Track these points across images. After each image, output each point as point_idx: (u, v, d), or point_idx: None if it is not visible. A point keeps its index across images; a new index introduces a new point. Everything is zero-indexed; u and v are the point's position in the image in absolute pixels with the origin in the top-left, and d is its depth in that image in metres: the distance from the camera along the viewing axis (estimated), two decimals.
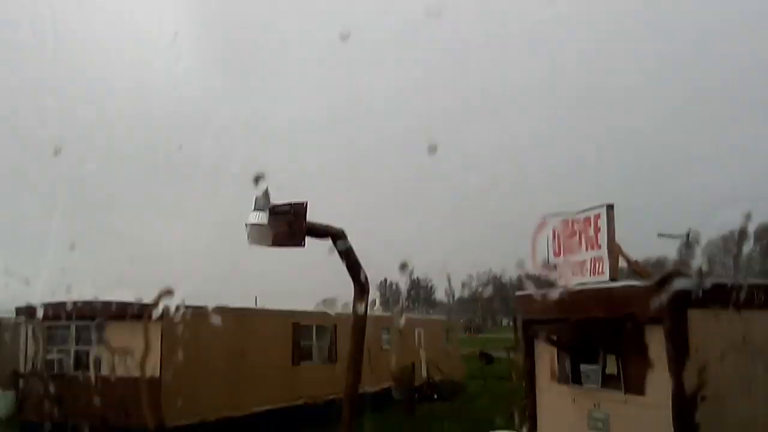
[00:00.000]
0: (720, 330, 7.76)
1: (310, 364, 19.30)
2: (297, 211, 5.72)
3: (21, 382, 16.62)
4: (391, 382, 22.91)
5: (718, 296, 7.47)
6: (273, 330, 17.77)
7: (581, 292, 9.21)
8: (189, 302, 15.25)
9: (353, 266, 6.07)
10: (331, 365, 19.25)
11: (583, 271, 9.24)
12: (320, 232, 5.96)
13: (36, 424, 14.46)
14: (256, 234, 5.66)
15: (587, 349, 9.37)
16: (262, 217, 5.59)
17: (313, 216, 5.75)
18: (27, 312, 15.81)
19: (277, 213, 5.69)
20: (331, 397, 15.26)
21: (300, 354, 18.94)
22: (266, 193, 5.64)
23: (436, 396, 25.97)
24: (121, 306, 14.47)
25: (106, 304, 14.55)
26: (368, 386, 19.50)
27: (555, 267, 9.86)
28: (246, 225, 5.71)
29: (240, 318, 16.63)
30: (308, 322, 19.59)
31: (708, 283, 7.50)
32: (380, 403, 21.49)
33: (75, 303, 15.03)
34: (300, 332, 19.06)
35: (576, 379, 9.66)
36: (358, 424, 6.08)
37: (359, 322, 6.26)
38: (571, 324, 9.19)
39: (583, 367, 9.40)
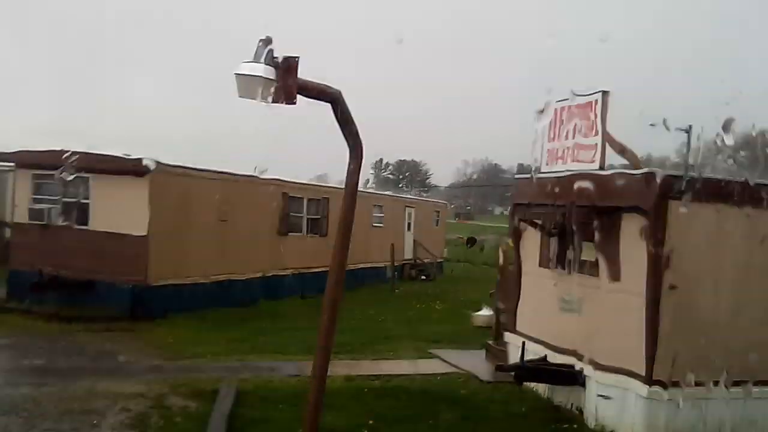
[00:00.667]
0: (698, 223, 7.86)
1: (298, 236, 19.57)
2: (289, 65, 5.44)
3: (8, 231, 16.79)
4: (380, 260, 23.50)
5: (700, 190, 7.48)
6: (263, 198, 17.85)
7: (570, 178, 9.23)
8: (180, 163, 15.35)
9: (349, 132, 5.89)
10: (321, 238, 19.54)
11: (577, 157, 9.19)
12: (314, 91, 5.65)
13: (23, 273, 14.80)
14: (245, 86, 5.39)
15: (570, 234, 9.52)
16: (252, 68, 5.30)
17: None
18: (14, 159, 15.64)
19: (267, 65, 5.40)
20: (320, 269, 15.57)
21: (288, 225, 19.16)
22: (266, 43, 5.29)
23: (423, 277, 26.80)
24: (111, 159, 14.34)
25: (97, 157, 14.38)
26: (356, 262, 20.03)
27: (551, 152, 9.80)
28: (235, 75, 5.40)
29: (230, 183, 16.64)
30: (299, 194, 19.65)
31: (692, 176, 7.50)
32: (368, 278, 22.19)
33: (64, 153, 14.85)
34: (290, 203, 19.18)
35: (559, 264, 9.89)
36: (343, 297, 6.19)
37: (351, 192, 6.16)
38: (557, 209, 9.28)
39: (568, 252, 9.59)
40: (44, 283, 14.31)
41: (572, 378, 8.90)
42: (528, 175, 10.75)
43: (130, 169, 14.32)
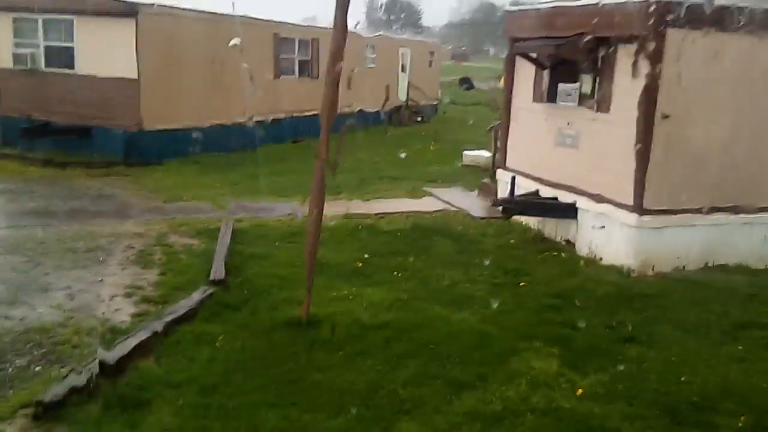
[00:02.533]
0: (694, 51, 7.61)
1: (290, 78, 19.04)
2: None
3: None
4: (374, 103, 23.08)
5: (699, 17, 7.18)
6: (253, 40, 17.11)
7: (567, 9, 8.80)
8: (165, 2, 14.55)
9: None
10: (312, 81, 19.04)
11: None
12: None
13: (12, 119, 14.55)
14: None
15: (566, 68, 9.26)
16: None
17: None
18: None
19: None
20: (312, 113, 15.30)
21: (280, 67, 18.56)
22: None
23: (419, 118, 26.50)
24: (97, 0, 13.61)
25: None
26: (350, 104, 19.67)
27: None
28: None
29: (218, 24, 15.86)
30: (289, 35, 18.83)
31: (690, 3, 7.16)
32: (362, 121, 21.94)
33: None
34: (280, 44, 18.44)
35: (552, 98, 9.72)
36: (336, 139, 6.09)
37: (339, 33, 5.84)
38: (553, 41, 8.94)
39: (561, 86, 9.38)
40: (35, 129, 14.13)
41: (563, 210, 9.09)
42: (521, 7, 10.26)
43: (116, 9, 13.60)
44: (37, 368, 5.04)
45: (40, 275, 7.09)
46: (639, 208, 7.92)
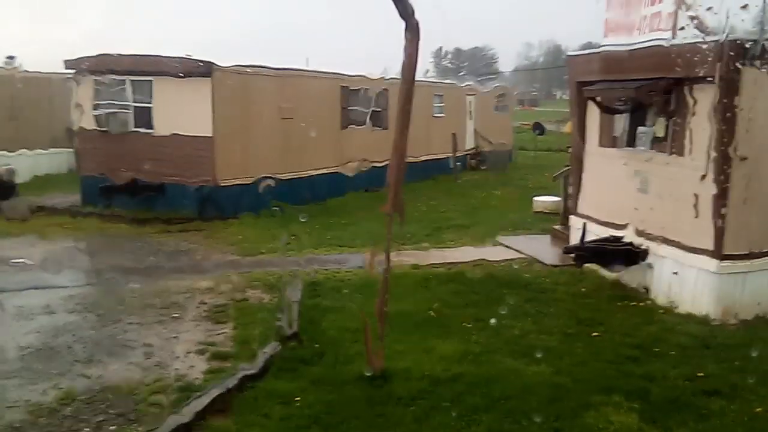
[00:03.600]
0: None
1: (360, 129, 19.47)
2: None
3: (77, 140, 17.18)
4: (442, 151, 23.25)
5: None
6: (322, 93, 17.70)
7: (636, 51, 8.69)
8: (238, 62, 15.31)
9: (404, 10, 5.62)
10: (383, 131, 19.36)
11: (644, 26, 8.59)
12: None
13: (93, 178, 15.44)
14: None
15: (637, 111, 9.12)
16: None
17: None
18: (76, 66, 15.73)
19: None
20: (382, 163, 15.51)
21: (349, 119, 19.06)
22: None
23: (483, 167, 26.40)
24: (174, 61, 14.39)
25: (157, 59, 14.43)
26: (418, 153, 19.90)
27: (613, 23, 9.19)
28: None
29: (289, 79, 16.53)
30: (357, 86, 19.36)
31: (763, 40, 6.95)
32: (431, 170, 22.14)
33: (124, 56, 14.92)
34: (348, 96, 18.98)
35: (623, 142, 9.56)
36: (406, 188, 6.19)
37: (408, 72, 5.95)
38: (622, 84, 8.84)
39: (633, 130, 9.23)
40: (115, 188, 14.91)
41: (636, 256, 8.82)
42: (585, 51, 10.21)
43: (192, 70, 14.39)
44: (112, 427, 5.19)
45: (119, 332, 7.40)
46: (719, 253, 7.60)
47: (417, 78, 6.09)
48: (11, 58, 21.74)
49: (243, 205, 14.69)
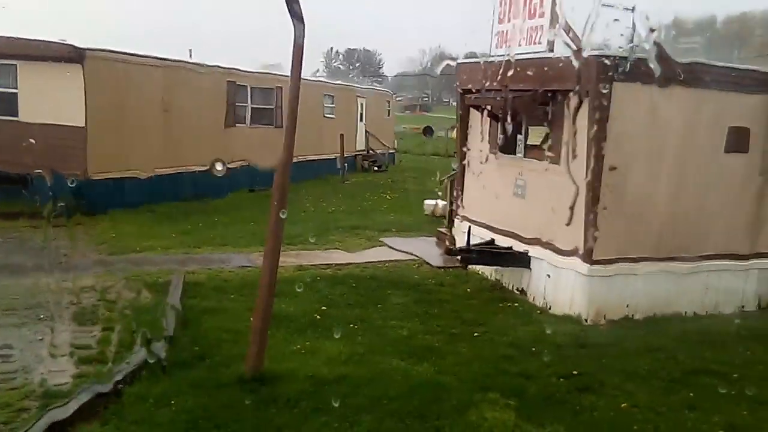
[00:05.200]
0: (639, 104, 7.94)
1: (245, 127, 18.97)
2: None
3: None
4: (332, 152, 23.21)
5: (643, 71, 7.49)
6: (206, 87, 17.09)
7: (518, 62, 9.09)
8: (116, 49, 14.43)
9: (294, 9, 5.52)
10: (273, 130, 18.96)
11: (524, 39, 8.98)
12: None
13: None
14: None
15: (516, 119, 9.51)
16: None
17: None
18: None
19: None
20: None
21: (235, 116, 18.53)
22: None
23: (376, 168, 26.74)
24: (40, 45, 13.31)
25: (24, 42, 13.33)
26: (307, 153, 19.65)
27: (501, 35, 9.55)
28: None
29: (171, 70, 15.81)
30: (245, 82, 18.86)
31: (634, 57, 7.48)
32: (321, 170, 22.03)
33: None
34: (236, 92, 18.45)
35: (504, 148, 9.94)
36: (293, 189, 6.05)
37: (296, 66, 5.84)
38: (504, 94, 9.18)
39: (512, 137, 9.62)
40: None
41: (517, 259, 9.20)
42: (471, 60, 10.57)
43: (62, 54, 13.37)
44: None
45: None
46: (589, 258, 8.07)
47: (307, 77, 5.99)
48: None
49: (117, 201, 13.87)
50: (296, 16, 5.43)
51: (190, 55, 20.48)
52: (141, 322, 7.24)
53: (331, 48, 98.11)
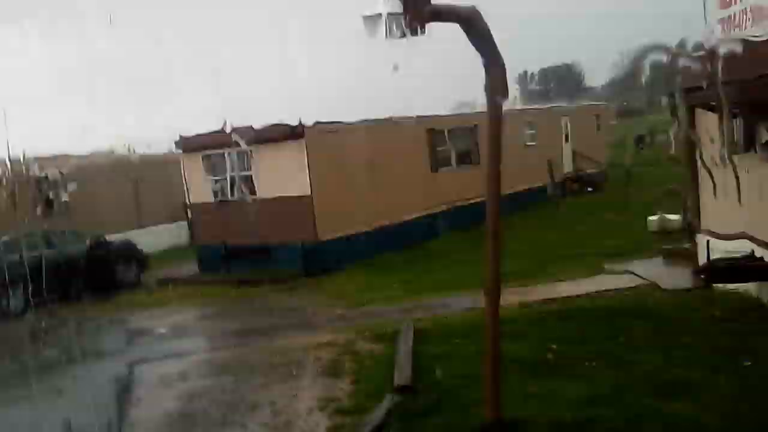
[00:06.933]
0: None
1: (450, 169, 19.33)
2: None
3: (190, 212, 18.38)
4: (539, 179, 22.60)
5: None
6: (410, 138, 17.78)
7: (753, 46, 7.94)
8: (323, 119, 15.78)
9: (488, 51, 5.44)
10: (474, 168, 19.08)
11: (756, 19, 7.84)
12: (448, 14, 5.27)
13: (208, 247, 16.32)
14: (374, 25, 5.15)
15: (754, 113, 8.34)
16: (380, 6, 5.04)
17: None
18: (185, 145, 16.86)
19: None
20: (477, 200, 15.21)
21: (438, 160, 19.01)
22: None
23: (589, 189, 25.30)
24: (269, 128, 15.05)
25: (255, 129, 15.01)
26: (514, 185, 19.36)
27: (725, 21, 8.46)
28: (363, 17, 5.16)
29: (377, 129, 16.73)
30: (443, 126, 19.28)
31: None
32: (529, 199, 21.53)
33: (226, 131, 15.76)
34: (436, 138, 18.95)
35: (746, 148, 8.73)
36: (504, 224, 5.90)
37: (495, 117, 5.75)
38: (737, 85, 8.09)
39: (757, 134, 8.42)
40: (229, 254, 15.59)
41: None
42: (693, 54, 9.51)
43: (286, 134, 14.93)
44: None
45: (247, 393, 7.55)
46: None
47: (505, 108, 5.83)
48: (129, 146, 23.47)
49: (344, 258, 14.84)
50: (489, 59, 5.31)
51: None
52: (379, 373, 7.54)
53: (525, 71, 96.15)
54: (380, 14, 5.03)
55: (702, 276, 8.64)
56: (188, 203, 17.85)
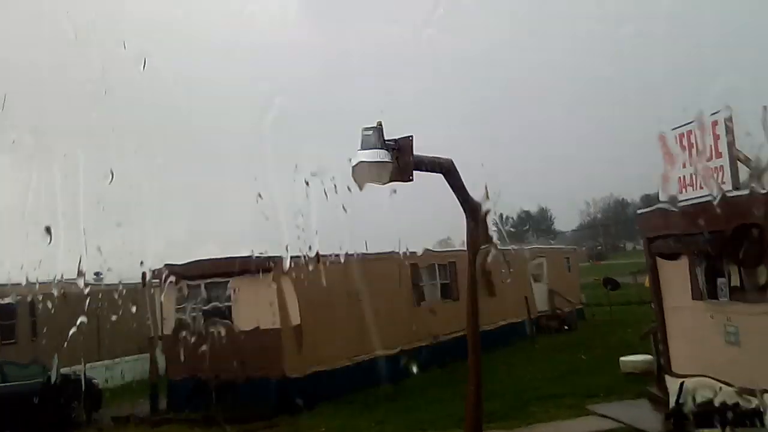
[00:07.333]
0: None
1: (430, 304, 19.44)
2: (403, 145, 5.58)
3: (160, 344, 17.66)
4: (516, 317, 22.78)
5: None
6: (392, 272, 17.99)
7: (703, 204, 8.63)
8: (304, 253, 15.86)
9: (462, 196, 5.89)
10: (453, 303, 19.25)
11: (704, 182, 8.59)
12: (429, 165, 5.79)
13: (181, 383, 15.59)
14: (366, 172, 5.54)
15: (714, 262, 8.84)
16: (372, 155, 5.47)
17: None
18: (157, 275, 16.57)
19: (380, 149, 5.55)
20: (457, 334, 15.22)
21: (419, 294, 19.16)
22: (377, 130, 5.49)
23: (566, 327, 25.54)
24: (246, 260, 14.87)
25: (231, 260, 15.14)
26: (490, 322, 19.47)
27: (678, 180, 9.23)
28: (354, 163, 5.54)
29: (355, 264, 16.90)
30: (426, 263, 19.65)
31: None
32: (506, 336, 21.53)
33: (202, 261, 15.73)
34: (418, 273, 19.23)
35: (711, 294, 9.15)
36: (485, 359, 6.04)
37: (472, 257, 6.11)
38: (698, 237, 8.65)
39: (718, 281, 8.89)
40: (198, 388, 14.91)
41: (746, 417, 8.02)
42: (653, 208, 10.20)
43: (263, 266, 14.95)
44: None
45: None
46: None
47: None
48: (98, 274, 23.04)
49: (319, 394, 14.39)
50: (470, 214, 5.74)
51: (366, 247, 21.89)
52: None
53: (501, 215, 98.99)
54: (374, 162, 5.45)
55: (671, 420, 8.69)
56: (158, 335, 17.37)
